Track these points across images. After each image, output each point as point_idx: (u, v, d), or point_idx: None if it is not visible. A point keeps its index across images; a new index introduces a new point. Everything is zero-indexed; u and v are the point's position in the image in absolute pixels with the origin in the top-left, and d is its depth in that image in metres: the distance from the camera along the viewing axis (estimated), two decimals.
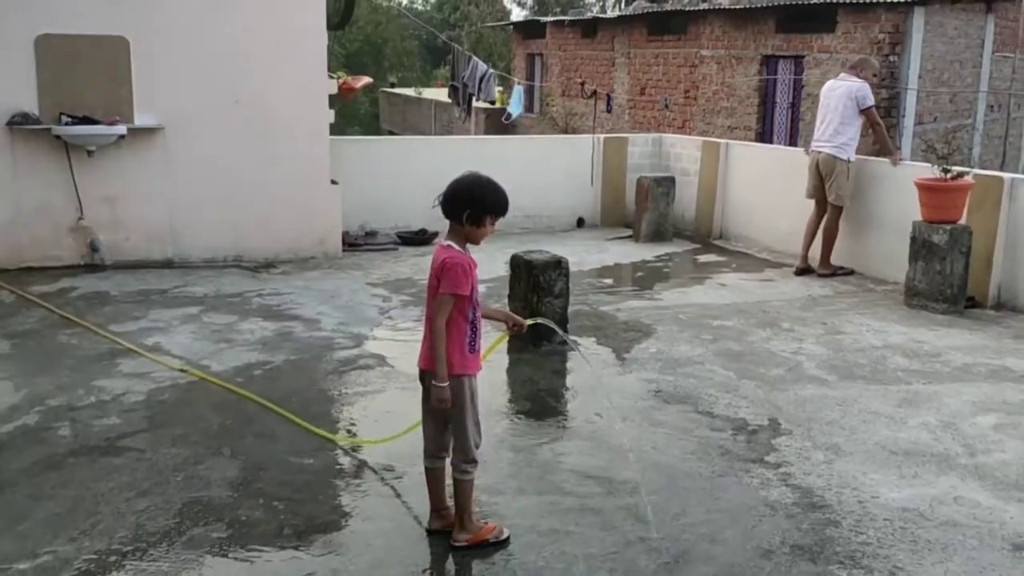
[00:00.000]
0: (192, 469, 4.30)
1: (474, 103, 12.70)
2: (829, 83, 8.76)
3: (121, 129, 8.16)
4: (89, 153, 8.18)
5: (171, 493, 4.05)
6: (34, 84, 8.01)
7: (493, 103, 13.69)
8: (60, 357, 5.87)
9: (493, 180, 3.58)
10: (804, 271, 8.66)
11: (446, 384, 3.46)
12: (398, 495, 4.09)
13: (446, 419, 3.59)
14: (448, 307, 3.46)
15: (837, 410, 5.14)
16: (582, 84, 17.54)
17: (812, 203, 8.72)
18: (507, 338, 3.92)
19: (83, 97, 8.15)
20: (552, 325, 4.29)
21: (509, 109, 14.35)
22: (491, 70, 11.79)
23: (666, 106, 15.46)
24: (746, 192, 10.21)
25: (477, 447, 3.62)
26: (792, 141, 14.51)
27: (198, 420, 4.91)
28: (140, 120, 8.34)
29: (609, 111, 17.28)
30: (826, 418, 5.02)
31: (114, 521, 3.78)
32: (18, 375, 5.50)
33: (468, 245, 3.58)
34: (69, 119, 8.05)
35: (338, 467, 4.38)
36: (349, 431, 4.85)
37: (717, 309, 7.34)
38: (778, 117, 15.28)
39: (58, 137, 8.03)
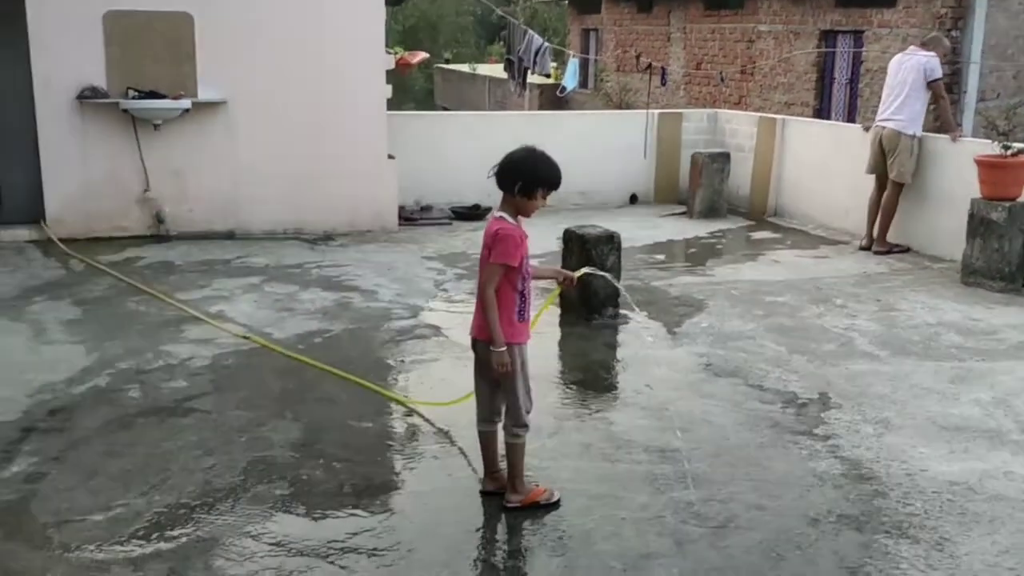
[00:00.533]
0: (255, 430, 4.47)
1: (529, 77, 12.72)
2: (898, 56, 8.65)
3: (186, 103, 8.37)
4: (155, 127, 8.42)
5: (236, 452, 4.22)
6: (102, 59, 8.25)
7: (548, 76, 13.67)
8: (129, 323, 6.09)
9: (547, 154, 3.65)
10: (869, 248, 8.62)
11: (504, 348, 3.55)
12: (453, 458, 4.22)
13: (497, 385, 3.69)
14: (497, 276, 3.55)
15: (888, 385, 5.16)
16: (637, 57, 17.42)
17: (872, 179, 8.65)
18: (559, 292, 4.02)
19: (149, 72, 8.37)
20: (600, 272, 4.43)
21: (563, 83, 14.35)
22: (546, 43, 11.80)
23: (721, 80, 15.28)
24: (802, 169, 10.14)
25: (528, 412, 3.72)
26: (850, 118, 14.28)
27: (261, 384, 5.09)
28: (204, 94, 8.54)
29: (663, 85, 17.14)
30: (877, 393, 5.04)
31: (182, 477, 3.96)
32: (89, 339, 5.74)
33: (520, 218, 3.66)
34: (136, 93, 8.29)
35: (395, 430, 4.53)
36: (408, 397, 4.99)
37: (770, 285, 7.35)
38: (836, 93, 15.05)
39: (125, 111, 8.27)
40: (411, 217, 9.64)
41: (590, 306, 6.18)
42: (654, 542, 3.50)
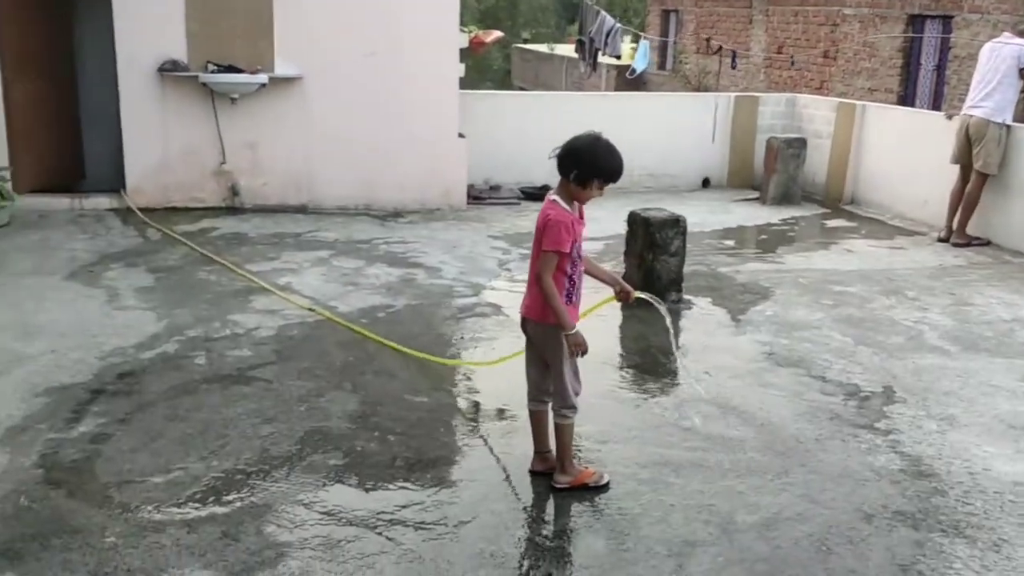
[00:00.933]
0: (315, 401, 4.55)
1: (600, 58, 12.62)
2: (990, 43, 8.36)
3: (263, 78, 8.51)
4: (233, 100, 8.58)
5: (294, 421, 4.31)
6: (183, 34, 8.43)
7: (618, 58, 13.56)
8: (199, 292, 6.25)
9: (611, 144, 3.56)
10: (948, 240, 8.39)
11: (575, 331, 3.55)
12: (505, 436, 4.24)
13: (547, 365, 3.69)
14: (553, 264, 3.53)
15: (956, 381, 5.02)
16: (707, 40, 17.15)
17: (956, 169, 8.40)
18: (610, 302, 3.92)
19: (228, 46, 8.53)
20: (658, 303, 3.95)
21: (634, 64, 14.20)
22: (618, 24, 11.67)
23: (792, 63, 14.96)
24: (881, 156, 9.88)
25: (576, 394, 3.71)
26: (936, 105, 13.87)
27: (323, 356, 5.17)
28: (280, 70, 8.68)
29: (734, 67, 16.86)
30: (943, 388, 4.91)
31: (241, 443, 4.06)
32: (160, 306, 5.90)
33: (576, 203, 3.62)
34: (215, 67, 8.45)
35: (450, 406, 4.57)
36: (465, 375, 5.02)
37: (841, 275, 7.20)
38: (922, 80, 14.61)
39: (204, 84, 8.44)
40: (480, 196, 9.67)
41: (653, 290, 6.10)
42: (701, 529, 3.47)
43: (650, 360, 5.34)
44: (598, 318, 5.93)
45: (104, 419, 4.27)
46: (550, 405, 3.77)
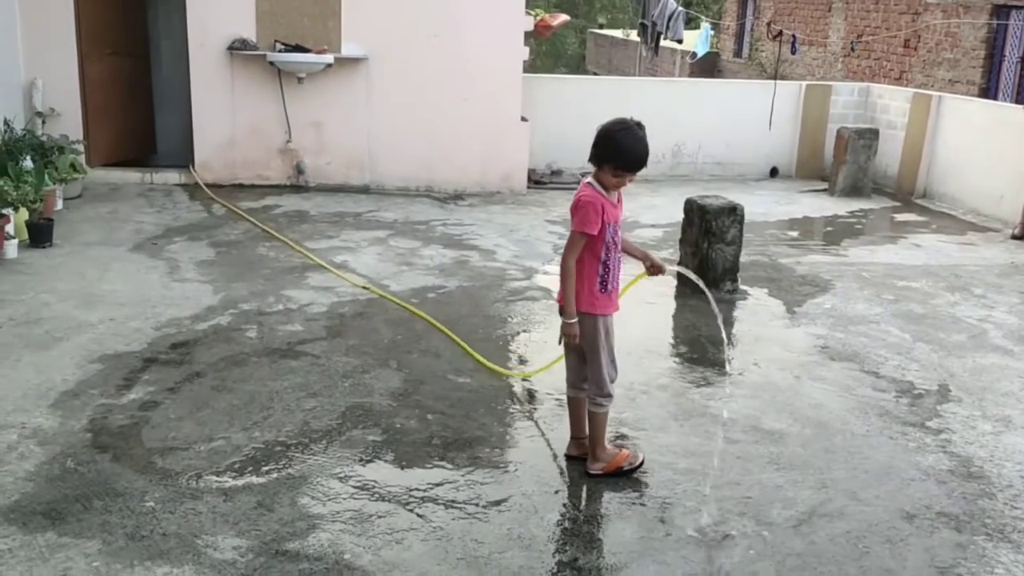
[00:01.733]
0: (359, 377, 4.60)
1: (662, 42, 12.44)
2: None
3: (329, 58, 8.60)
4: (299, 80, 8.68)
5: (337, 397, 4.36)
6: (252, 13, 8.56)
7: (680, 42, 13.35)
8: (257, 267, 6.35)
9: (637, 132, 3.45)
10: (1022, 237, 8.11)
11: (574, 320, 3.51)
12: (542, 420, 4.22)
13: (584, 352, 3.66)
14: (578, 245, 3.48)
15: (1017, 382, 4.85)
16: (768, 24, 16.78)
17: None
18: (643, 278, 3.83)
19: (296, 26, 8.63)
20: (691, 275, 3.89)
21: (695, 49, 13.98)
22: (680, 8, 11.49)
23: (852, 50, 14.52)
24: (957, 150, 9.57)
25: (612, 382, 3.67)
26: (1020, 99, 13.37)
27: (371, 333, 5.22)
28: (346, 50, 8.75)
29: (793, 52, 16.47)
30: (1002, 389, 4.75)
31: (283, 416, 4.12)
32: (219, 280, 6.02)
33: (612, 189, 3.55)
34: (283, 47, 8.57)
35: (491, 388, 4.56)
36: (512, 358, 5.01)
37: (905, 269, 7.01)
38: (1005, 72, 14.08)
39: (272, 63, 8.56)
40: (540, 180, 9.64)
41: (707, 279, 6.02)
42: (735, 521, 3.42)
43: (700, 349, 5.26)
44: (649, 305, 5.92)
45: (154, 387, 4.37)
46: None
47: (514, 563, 3.11)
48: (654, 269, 3.70)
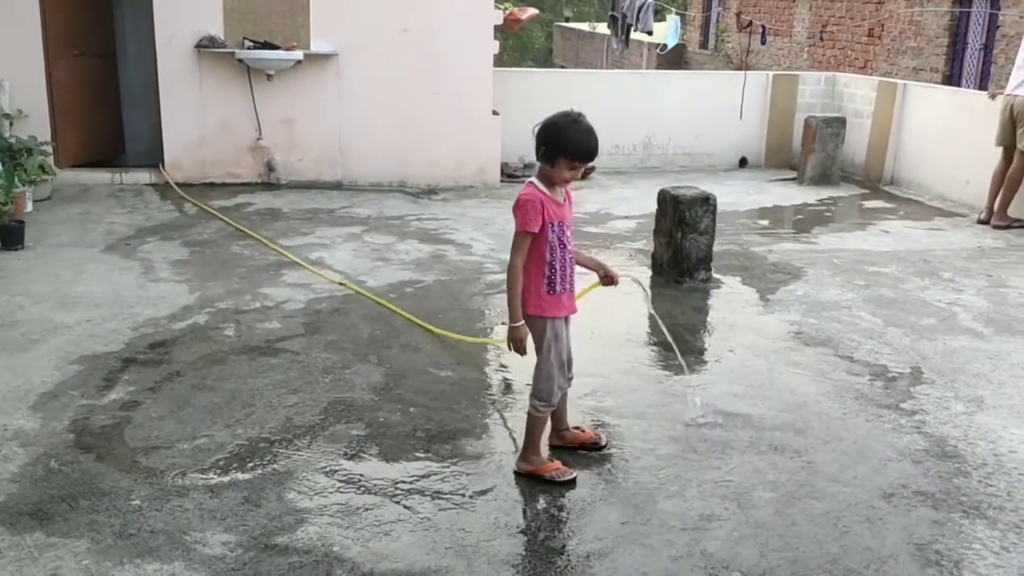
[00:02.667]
0: (340, 372, 4.61)
1: (632, 34, 12.51)
2: None
3: (298, 55, 8.57)
4: (268, 77, 8.65)
5: (319, 392, 4.37)
6: (219, 10, 8.52)
7: (650, 34, 13.41)
8: (232, 265, 6.34)
9: (585, 123, 3.37)
10: (988, 221, 8.25)
11: (519, 324, 3.41)
12: (525, 411, 4.24)
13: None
14: (523, 244, 3.36)
15: (987, 363, 4.95)
16: (738, 15, 16.94)
17: (1000, 151, 8.24)
18: (596, 288, 3.84)
19: (264, 23, 8.60)
20: (644, 287, 3.92)
21: (665, 40, 14.07)
22: (650, 0, 11.56)
23: (821, 38, 14.70)
24: (922, 137, 9.72)
25: (561, 389, 3.62)
26: (983, 86, 13.56)
27: (350, 329, 5.23)
28: (316, 46, 8.73)
29: (763, 43, 16.63)
30: (974, 370, 4.85)
31: (266, 413, 4.13)
32: (194, 279, 6.00)
33: (560, 186, 3.47)
34: (251, 43, 8.53)
35: (474, 380, 4.60)
36: (487, 349, 5.05)
37: (875, 255, 7.12)
38: (968, 60, 14.30)
39: (240, 61, 8.52)
40: (513, 174, 9.67)
41: (681, 269, 6.11)
42: (717, 505, 3.47)
43: (676, 338, 5.28)
44: (626, 295, 5.95)
45: (134, 387, 4.36)
46: (567, 383, 3.73)
47: (502, 551, 3.15)
48: (607, 279, 3.67)
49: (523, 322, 3.45)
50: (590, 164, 3.59)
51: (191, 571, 2.99)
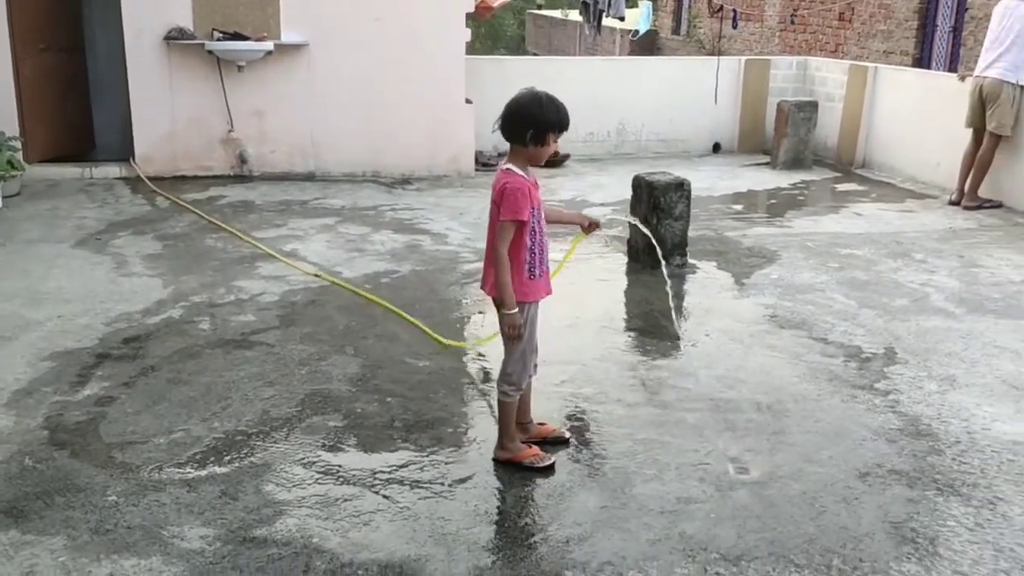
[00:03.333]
0: (316, 364, 4.59)
1: (604, 20, 12.51)
2: (1003, 3, 8.22)
3: (268, 45, 8.50)
4: (239, 68, 8.58)
5: (295, 384, 4.35)
6: (188, 1, 8.43)
7: (622, 19, 13.40)
8: (205, 259, 6.29)
9: (551, 95, 3.41)
10: (959, 202, 8.33)
11: (515, 311, 3.43)
12: None
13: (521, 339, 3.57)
14: (510, 234, 3.38)
15: (960, 343, 5.00)
16: (709, 0, 16.99)
17: (969, 133, 8.31)
18: (582, 239, 3.89)
19: (233, 14, 8.52)
20: (629, 218, 4.01)
21: (637, 26, 14.07)
22: None
23: (792, 22, 14.78)
24: (894, 119, 9.78)
25: (531, 376, 3.63)
26: (952, 68, 13.68)
27: (326, 320, 5.21)
28: (286, 37, 8.66)
29: (734, 27, 16.70)
30: (946, 350, 4.90)
31: (242, 406, 4.11)
32: (167, 273, 5.95)
33: (530, 168, 3.48)
34: (220, 35, 8.45)
35: (451, 370, 4.59)
36: (463, 338, 5.05)
37: (848, 238, 7.17)
38: (938, 42, 14.41)
39: (210, 52, 8.44)
40: (488, 162, 9.65)
41: (657, 255, 6.11)
42: (695, 488, 3.49)
43: (652, 323, 5.34)
44: (601, 282, 5.98)
45: (108, 383, 4.32)
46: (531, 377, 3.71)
47: (482, 538, 3.15)
48: (591, 226, 3.73)
49: (517, 309, 3.45)
50: (564, 152, 3.62)
51: (169, 566, 2.97)
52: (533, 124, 3.36)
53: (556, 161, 9.81)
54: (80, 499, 3.35)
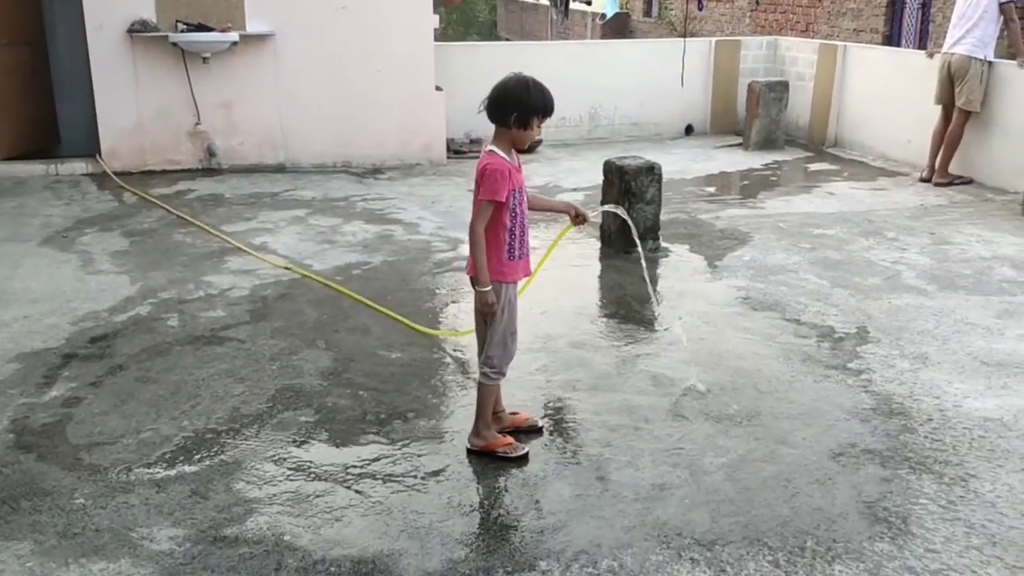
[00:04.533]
0: (287, 359, 4.54)
1: (572, 5, 12.44)
2: None
3: (233, 36, 8.40)
4: (204, 60, 8.47)
5: (266, 380, 4.30)
6: None
7: (589, 3, 13.35)
8: (174, 254, 6.22)
9: (538, 81, 3.45)
10: (930, 179, 8.36)
11: (489, 288, 3.44)
12: (474, 389, 4.22)
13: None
14: (486, 213, 3.40)
15: (931, 320, 5.02)
16: None
17: (939, 109, 8.34)
18: (570, 230, 3.92)
19: (198, 5, 8.41)
20: (616, 209, 4.03)
21: (603, 9, 14.02)
22: None
23: (757, 3, 14.78)
24: (864, 98, 9.80)
25: (509, 358, 3.61)
26: (922, 45, 13.72)
27: (296, 314, 5.16)
28: (252, 27, 8.56)
29: (700, 9, 16.70)
30: (918, 328, 4.91)
31: (212, 403, 4.06)
32: (135, 270, 5.87)
33: (514, 151, 3.50)
34: (184, 26, 8.33)
35: (423, 361, 4.56)
36: (436, 327, 5.01)
37: (820, 217, 7.18)
38: (907, 19, 14.45)
39: (175, 44, 8.33)
40: (460, 149, 9.59)
41: (629, 239, 6.09)
42: (669, 473, 3.48)
43: (625, 308, 5.32)
44: (574, 268, 5.96)
45: (75, 383, 4.26)
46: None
47: (455, 530, 3.13)
48: (579, 218, 3.74)
49: (491, 287, 3.45)
50: (538, 138, 3.62)
51: (138, 568, 2.93)
52: (518, 107, 3.39)
53: (529, 147, 9.74)
54: (47, 503, 3.30)
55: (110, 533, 3.12)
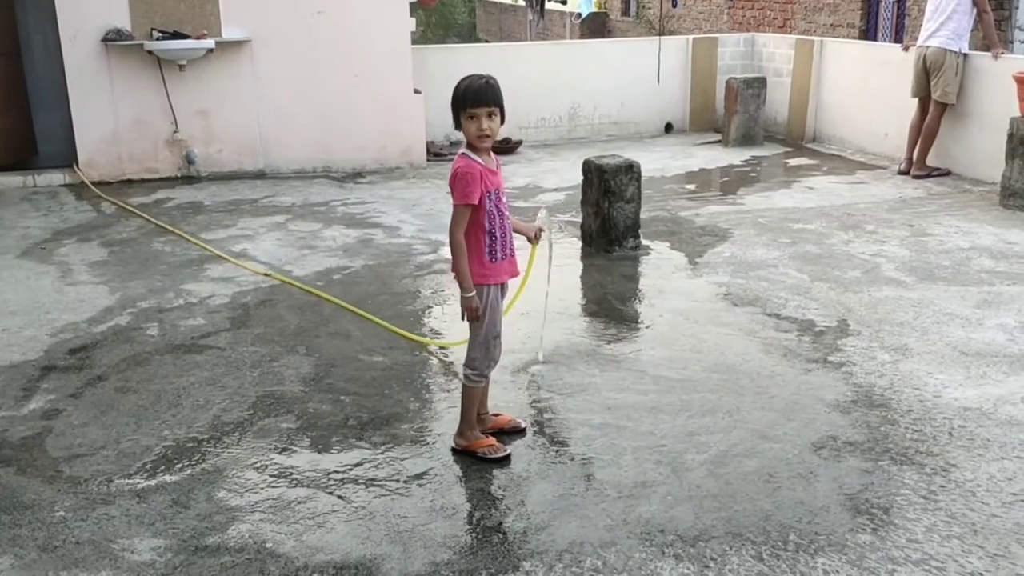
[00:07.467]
0: (268, 366, 4.52)
1: (548, 5, 12.44)
2: None
3: (209, 43, 8.36)
4: (180, 67, 8.43)
5: (247, 387, 4.28)
6: (124, 1, 8.25)
7: (564, 3, 13.37)
8: (153, 263, 6.18)
9: (480, 75, 3.40)
10: (908, 172, 8.41)
11: (473, 294, 3.43)
12: (458, 392, 4.18)
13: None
14: (463, 218, 3.37)
15: (911, 312, 5.04)
16: None
17: (916, 102, 8.39)
18: (535, 249, 3.90)
19: (172, 12, 8.37)
20: (544, 216, 3.96)
21: (578, 9, 14.04)
22: None
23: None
24: (841, 92, 9.85)
25: (495, 361, 3.61)
26: (898, 38, 13.78)
27: (277, 321, 5.14)
28: (228, 34, 8.53)
29: (674, 7, 16.75)
30: (898, 319, 4.93)
31: (193, 412, 4.04)
32: (114, 280, 5.84)
33: (492, 153, 3.49)
34: (160, 34, 8.30)
35: (404, 365, 4.55)
36: (420, 332, 5.00)
37: (800, 212, 7.21)
38: (883, 13, 14.52)
39: (150, 52, 8.29)
40: (440, 152, 9.59)
41: (610, 238, 6.11)
42: (652, 470, 3.48)
43: (607, 306, 5.33)
44: (556, 268, 5.93)
45: (55, 395, 4.23)
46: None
47: (438, 533, 3.12)
48: (537, 235, 3.76)
49: (475, 292, 3.44)
50: (518, 139, 3.60)
51: None
52: (453, 107, 3.40)
53: (509, 148, 9.76)
54: (27, 516, 3.27)
55: (91, 545, 3.10)
